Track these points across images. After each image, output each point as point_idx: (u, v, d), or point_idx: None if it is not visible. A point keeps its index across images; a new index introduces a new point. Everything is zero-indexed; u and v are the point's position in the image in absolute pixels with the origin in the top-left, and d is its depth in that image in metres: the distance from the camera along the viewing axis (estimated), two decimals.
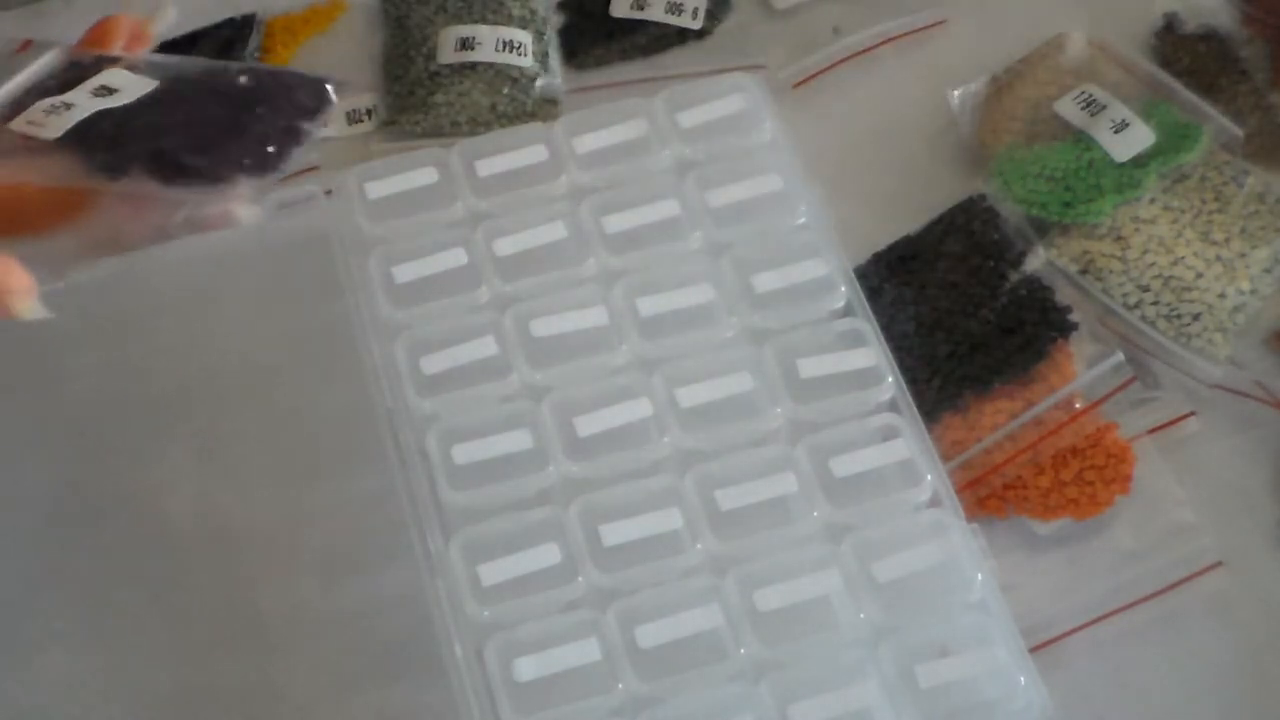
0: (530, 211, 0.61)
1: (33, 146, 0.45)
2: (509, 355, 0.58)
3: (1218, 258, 0.67)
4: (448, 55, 0.72)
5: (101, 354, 0.64)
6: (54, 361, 0.63)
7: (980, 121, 0.72)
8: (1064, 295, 0.66)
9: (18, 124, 0.45)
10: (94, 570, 0.59)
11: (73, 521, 0.60)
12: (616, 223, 0.61)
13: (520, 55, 0.72)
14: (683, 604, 0.53)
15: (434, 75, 0.72)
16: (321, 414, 0.62)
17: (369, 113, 0.73)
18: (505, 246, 0.60)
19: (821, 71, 0.74)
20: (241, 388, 0.63)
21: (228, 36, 0.74)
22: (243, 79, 0.47)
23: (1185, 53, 0.74)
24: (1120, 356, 0.64)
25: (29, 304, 0.46)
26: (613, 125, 0.63)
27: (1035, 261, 0.67)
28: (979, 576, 0.55)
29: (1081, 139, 0.69)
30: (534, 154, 0.62)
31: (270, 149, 0.45)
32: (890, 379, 0.58)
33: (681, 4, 0.75)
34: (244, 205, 0.45)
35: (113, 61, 0.47)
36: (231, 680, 0.57)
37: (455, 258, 0.60)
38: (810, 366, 0.58)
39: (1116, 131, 0.69)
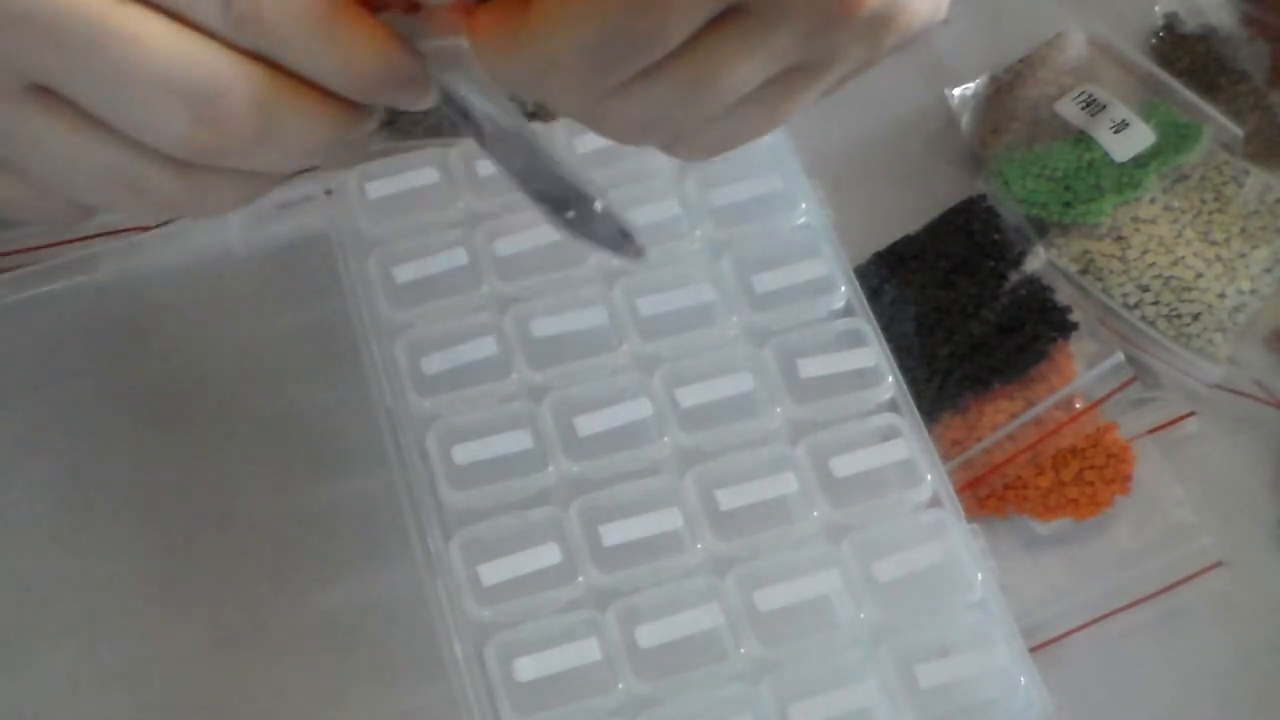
0: (530, 211, 0.61)
1: None
2: (509, 355, 0.58)
3: (1218, 258, 0.67)
4: None
5: (102, 354, 0.64)
6: (54, 362, 0.63)
7: (980, 121, 0.72)
8: (1064, 295, 0.66)
9: None
10: (94, 571, 0.59)
11: (72, 523, 0.60)
12: None
13: None
14: (683, 604, 0.53)
15: None
16: (321, 414, 0.62)
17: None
18: (505, 246, 0.60)
19: None
20: (241, 388, 0.63)
21: None
22: None
23: (1185, 53, 0.74)
24: (1120, 356, 0.64)
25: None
26: None
27: (1035, 261, 0.67)
28: (979, 576, 0.55)
29: (1081, 139, 0.69)
30: None
31: None
32: (890, 379, 0.58)
33: None
34: None
35: None
36: (231, 680, 0.57)
37: (455, 258, 0.60)
38: (810, 366, 0.58)
39: (1116, 131, 0.69)
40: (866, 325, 0.60)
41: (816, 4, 0.39)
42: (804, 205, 0.62)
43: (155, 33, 0.37)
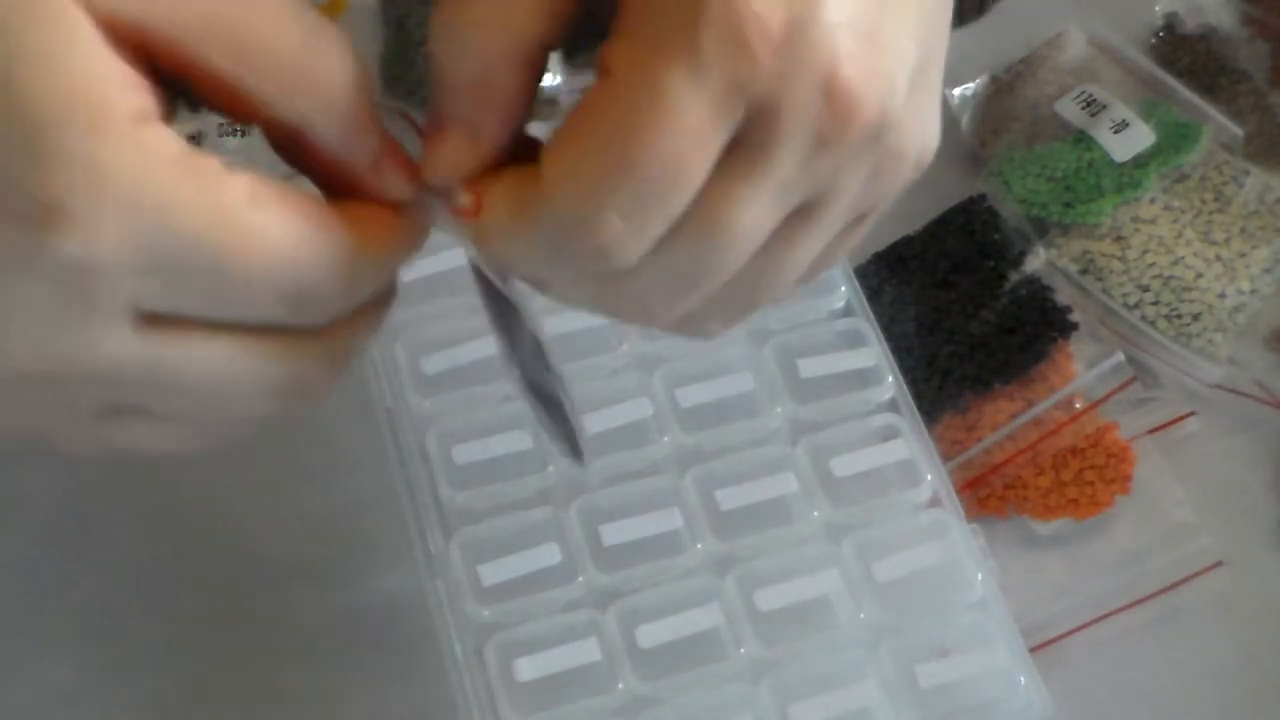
0: None
1: None
2: None
3: (1218, 258, 0.67)
4: None
5: None
6: None
7: (980, 121, 0.72)
8: (1064, 295, 0.66)
9: None
10: (92, 573, 0.59)
11: (72, 524, 0.60)
12: None
13: None
14: (683, 604, 0.53)
15: None
16: (321, 415, 0.62)
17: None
18: None
19: None
20: None
21: None
22: None
23: (1185, 53, 0.74)
24: (1120, 356, 0.64)
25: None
26: None
27: (1035, 261, 0.67)
28: (979, 576, 0.55)
29: (1081, 139, 0.69)
30: None
31: None
32: (890, 379, 0.58)
33: None
34: None
35: None
36: (231, 681, 0.57)
37: (455, 258, 0.60)
38: (810, 366, 0.58)
39: (1116, 131, 0.69)
40: (866, 325, 0.60)
41: (809, 118, 0.36)
42: None
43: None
